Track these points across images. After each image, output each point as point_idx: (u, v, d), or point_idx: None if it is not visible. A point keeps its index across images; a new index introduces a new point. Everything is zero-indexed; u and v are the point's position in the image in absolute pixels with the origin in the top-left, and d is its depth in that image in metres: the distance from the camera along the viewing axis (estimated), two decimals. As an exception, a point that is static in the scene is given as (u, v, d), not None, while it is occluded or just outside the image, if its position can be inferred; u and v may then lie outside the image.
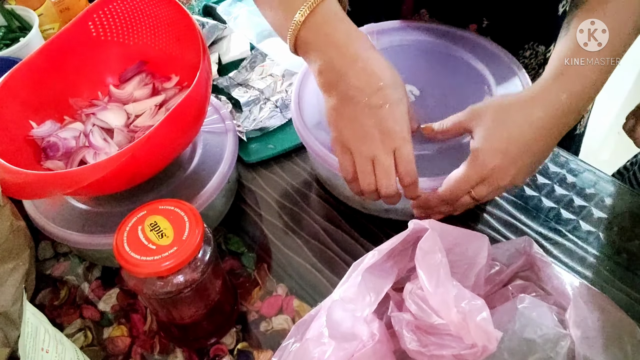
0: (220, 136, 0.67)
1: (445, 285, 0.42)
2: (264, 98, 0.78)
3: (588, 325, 0.44)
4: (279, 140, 0.74)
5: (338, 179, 0.63)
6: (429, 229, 0.45)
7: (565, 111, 0.50)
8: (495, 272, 0.51)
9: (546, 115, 0.50)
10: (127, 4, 0.69)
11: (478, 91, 0.64)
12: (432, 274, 0.42)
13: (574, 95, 0.50)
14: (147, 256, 0.46)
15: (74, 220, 0.60)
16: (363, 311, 0.44)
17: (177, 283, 0.48)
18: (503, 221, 0.63)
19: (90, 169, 0.52)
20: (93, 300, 0.61)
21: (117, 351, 0.57)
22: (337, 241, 0.64)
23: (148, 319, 0.59)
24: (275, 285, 0.61)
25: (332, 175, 0.63)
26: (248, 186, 0.71)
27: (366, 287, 0.45)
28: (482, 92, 0.63)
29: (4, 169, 0.53)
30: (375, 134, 0.50)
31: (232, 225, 0.66)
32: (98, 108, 0.69)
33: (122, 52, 0.72)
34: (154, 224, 0.48)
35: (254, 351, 0.56)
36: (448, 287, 0.42)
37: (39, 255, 0.66)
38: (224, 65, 0.85)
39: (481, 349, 0.41)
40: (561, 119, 0.51)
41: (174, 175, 0.63)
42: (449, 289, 0.42)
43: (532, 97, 0.51)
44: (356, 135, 0.51)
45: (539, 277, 0.51)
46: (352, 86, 0.50)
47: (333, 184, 0.66)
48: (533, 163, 0.52)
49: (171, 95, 0.71)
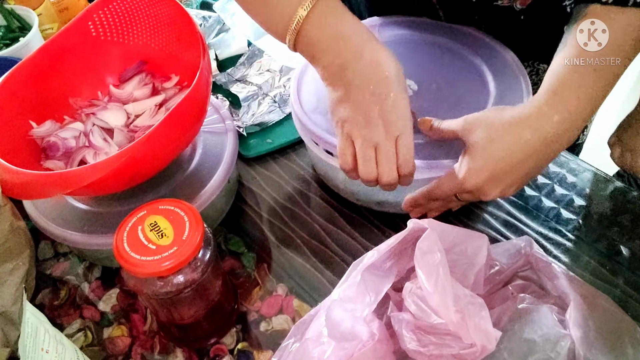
0: (220, 136, 0.67)
1: (444, 284, 0.42)
2: (262, 93, 0.78)
3: (588, 326, 0.44)
4: (277, 134, 0.74)
5: (335, 171, 0.63)
6: (428, 229, 0.45)
7: (558, 134, 0.50)
8: (495, 272, 0.51)
9: (536, 139, 0.49)
10: (126, 3, 0.69)
11: (475, 86, 0.64)
12: (431, 274, 0.42)
13: (567, 116, 0.49)
14: (147, 256, 0.46)
15: (74, 220, 0.60)
16: (363, 311, 0.44)
17: (177, 283, 0.48)
18: (503, 221, 0.63)
19: (90, 169, 0.52)
20: (93, 300, 0.61)
21: (117, 351, 0.57)
22: (337, 241, 0.64)
23: (148, 319, 0.59)
24: (275, 285, 0.61)
25: (329, 167, 0.63)
26: (248, 186, 0.71)
27: (365, 286, 0.45)
28: (479, 87, 0.63)
29: (4, 168, 0.53)
30: (379, 122, 0.50)
31: (232, 225, 0.66)
32: (98, 108, 0.69)
33: (122, 51, 0.72)
34: (154, 224, 0.48)
35: (254, 351, 0.56)
36: (447, 287, 0.42)
37: (39, 255, 0.66)
38: (221, 61, 0.86)
39: (480, 349, 0.41)
40: (552, 143, 0.50)
41: (174, 175, 0.63)
42: (448, 289, 0.42)
43: (523, 118, 0.50)
44: (360, 122, 0.51)
45: (539, 277, 0.51)
46: (359, 75, 0.50)
47: (329, 176, 0.66)
48: (521, 179, 0.52)
49: (171, 95, 0.71)
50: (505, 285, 0.51)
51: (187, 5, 0.93)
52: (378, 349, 0.44)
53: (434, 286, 0.42)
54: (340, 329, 0.44)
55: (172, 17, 0.68)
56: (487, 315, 0.42)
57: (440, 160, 0.56)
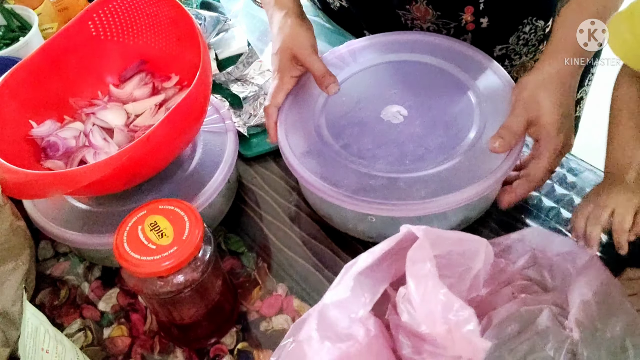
0: (220, 136, 0.67)
1: (432, 295, 0.41)
2: (262, 93, 0.78)
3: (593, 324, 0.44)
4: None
5: (326, 205, 0.62)
6: (419, 238, 0.44)
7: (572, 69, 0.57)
8: (499, 270, 0.50)
9: (558, 70, 0.57)
10: (126, 3, 0.69)
11: (463, 103, 0.63)
12: (419, 284, 0.42)
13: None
14: (147, 256, 0.46)
15: (74, 220, 0.60)
16: (357, 312, 0.44)
17: (177, 283, 0.48)
18: (503, 221, 0.63)
19: (90, 168, 0.52)
20: (93, 300, 0.61)
21: (117, 351, 0.57)
22: (337, 241, 0.64)
23: (148, 319, 0.59)
24: (275, 285, 0.61)
25: (319, 200, 0.63)
26: (248, 186, 0.71)
27: (361, 289, 0.45)
28: (468, 104, 0.63)
29: (4, 168, 0.53)
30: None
31: (232, 225, 0.66)
32: (98, 107, 0.69)
33: (122, 51, 0.72)
34: (154, 224, 0.48)
35: (254, 351, 0.56)
36: (436, 298, 0.41)
37: (39, 255, 0.66)
38: (221, 61, 0.86)
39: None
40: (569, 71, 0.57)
41: (174, 175, 0.63)
42: (437, 300, 0.41)
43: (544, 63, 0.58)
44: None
45: (543, 275, 0.51)
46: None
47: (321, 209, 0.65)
48: (569, 122, 0.59)
49: (171, 95, 0.71)
50: (506, 285, 0.51)
51: (187, 5, 0.93)
52: (374, 347, 0.44)
53: (422, 296, 0.42)
54: (335, 329, 0.44)
55: (172, 17, 0.68)
56: (475, 326, 0.41)
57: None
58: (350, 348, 0.43)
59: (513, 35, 0.77)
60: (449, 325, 0.41)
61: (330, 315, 0.44)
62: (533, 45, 0.80)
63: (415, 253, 0.43)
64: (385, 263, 0.47)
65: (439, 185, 0.56)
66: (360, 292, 0.45)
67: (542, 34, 0.79)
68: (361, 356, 0.43)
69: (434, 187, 0.56)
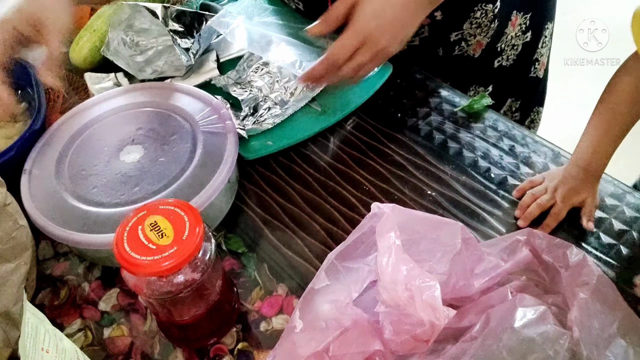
0: (220, 136, 0.67)
1: (397, 264, 0.44)
2: (262, 96, 0.78)
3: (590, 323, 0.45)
4: (277, 136, 0.74)
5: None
6: (386, 213, 0.47)
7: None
8: (491, 267, 0.51)
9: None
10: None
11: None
12: (384, 254, 0.45)
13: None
14: (147, 256, 0.46)
15: (74, 220, 0.60)
16: (339, 298, 0.46)
17: (177, 283, 0.48)
18: (502, 221, 0.63)
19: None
20: (93, 300, 0.61)
21: (117, 351, 0.57)
22: (337, 241, 0.64)
23: (148, 319, 0.59)
24: (275, 285, 0.61)
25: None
26: (248, 186, 0.71)
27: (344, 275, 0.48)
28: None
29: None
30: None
31: (232, 225, 0.67)
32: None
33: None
34: (154, 224, 0.48)
35: (254, 351, 0.56)
36: (399, 266, 0.44)
37: (39, 255, 0.66)
38: (221, 63, 0.86)
39: (429, 325, 0.42)
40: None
41: (174, 175, 0.63)
42: (400, 268, 0.44)
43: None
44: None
45: (539, 274, 0.51)
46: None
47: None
48: (404, 30, 0.61)
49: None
50: (504, 285, 0.51)
51: (188, 5, 0.93)
52: (360, 333, 0.46)
53: (386, 265, 0.44)
54: (321, 317, 0.45)
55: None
56: (437, 293, 0.44)
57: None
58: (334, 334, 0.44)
59: (466, 22, 0.81)
60: (411, 292, 0.43)
61: (317, 303, 0.46)
62: (486, 25, 0.83)
63: (382, 226, 0.46)
64: (361, 246, 0.49)
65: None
66: (343, 278, 0.47)
67: (492, 15, 0.82)
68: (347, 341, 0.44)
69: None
